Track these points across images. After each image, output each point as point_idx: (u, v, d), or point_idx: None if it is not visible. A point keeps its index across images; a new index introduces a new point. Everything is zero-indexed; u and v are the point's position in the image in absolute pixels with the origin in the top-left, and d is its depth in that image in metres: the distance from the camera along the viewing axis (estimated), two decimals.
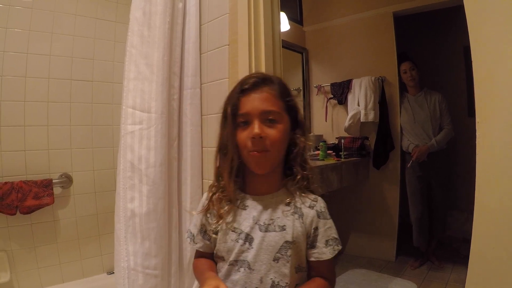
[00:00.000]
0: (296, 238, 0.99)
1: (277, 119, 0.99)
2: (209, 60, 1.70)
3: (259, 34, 1.52)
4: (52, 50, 2.28)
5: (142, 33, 1.58)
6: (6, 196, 2.02)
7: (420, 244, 3.24)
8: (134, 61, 1.56)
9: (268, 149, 0.97)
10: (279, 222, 1.00)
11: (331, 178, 2.83)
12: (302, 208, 1.03)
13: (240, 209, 1.04)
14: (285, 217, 1.01)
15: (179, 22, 1.66)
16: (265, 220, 1.01)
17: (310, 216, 1.03)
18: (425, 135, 3.18)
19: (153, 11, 1.59)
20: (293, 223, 1.00)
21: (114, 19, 2.53)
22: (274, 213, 1.02)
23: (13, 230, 2.12)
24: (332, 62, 3.82)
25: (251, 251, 0.99)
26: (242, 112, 0.98)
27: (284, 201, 1.03)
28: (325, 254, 1.02)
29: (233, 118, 1.00)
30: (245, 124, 0.99)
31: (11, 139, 2.15)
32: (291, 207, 1.03)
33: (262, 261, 0.98)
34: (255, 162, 0.99)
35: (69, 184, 2.32)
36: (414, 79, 3.25)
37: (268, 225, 1.00)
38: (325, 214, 1.06)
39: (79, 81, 2.38)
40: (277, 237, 0.99)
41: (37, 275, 2.20)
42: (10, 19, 2.14)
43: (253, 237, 1.00)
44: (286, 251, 0.98)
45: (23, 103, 2.19)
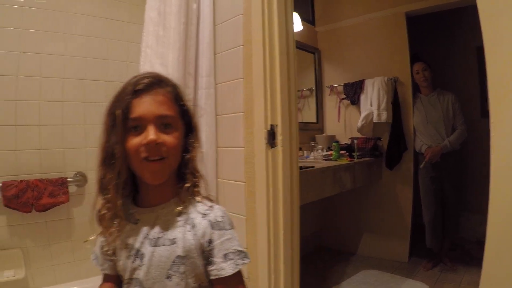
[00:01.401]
0: (188, 252, 0.89)
1: (173, 124, 0.91)
2: (223, 60, 1.71)
3: (273, 34, 1.52)
4: (66, 50, 2.31)
5: (157, 33, 1.59)
6: (22, 194, 2.05)
7: (433, 245, 3.21)
8: (149, 61, 1.58)
9: (165, 156, 0.88)
10: (169, 235, 0.90)
11: (344, 179, 2.83)
12: (194, 218, 0.93)
13: (132, 223, 0.94)
14: (175, 229, 0.91)
15: (193, 23, 1.67)
16: (154, 233, 0.91)
17: (201, 227, 0.91)
18: (438, 136, 3.15)
19: (167, 12, 1.61)
20: (183, 235, 0.90)
21: (127, 19, 2.55)
22: (164, 225, 0.92)
23: (28, 228, 2.15)
24: (344, 62, 3.81)
25: (142, 268, 0.89)
26: (134, 116, 0.87)
27: (177, 212, 0.93)
28: (224, 270, 0.89)
29: (124, 123, 0.87)
30: (136, 130, 0.88)
31: (26, 138, 2.18)
32: (183, 217, 0.93)
33: (154, 279, 0.88)
34: (150, 172, 0.89)
35: (84, 183, 2.34)
36: (427, 80, 3.23)
37: (158, 238, 0.90)
38: (221, 224, 0.93)
39: (93, 81, 2.41)
40: (167, 251, 0.88)
41: (52, 272, 2.22)
42: (24, 20, 2.16)
43: (144, 253, 0.89)
44: (178, 268, 0.88)
45: (38, 103, 2.21)
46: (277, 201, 1.56)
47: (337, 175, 2.74)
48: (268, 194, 1.54)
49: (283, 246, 1.59)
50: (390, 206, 3.48)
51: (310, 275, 3.09)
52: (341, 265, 3.40)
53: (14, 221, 2.11)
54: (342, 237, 3.81)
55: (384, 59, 3.48)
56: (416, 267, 3.22)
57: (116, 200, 0.90)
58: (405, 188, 3.38)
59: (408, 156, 3.36)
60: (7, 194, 2.02)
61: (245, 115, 1.64)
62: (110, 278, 1.00)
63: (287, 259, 1.61)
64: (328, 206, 3.84)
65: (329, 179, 2.69)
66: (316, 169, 2.51)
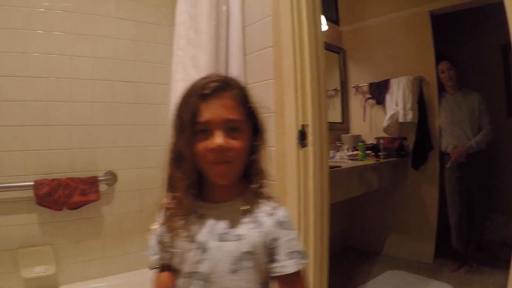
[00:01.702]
0: (254, 248, 0.90)
1: (240, 127, 0.91)
2: (253, 61, 1.72)
3: (302, 35, 1.53)
4: (95, 52, 2.35)
5: (188, 36, 1.62)
6: (53, 192, 2.10)
7: (459, 246, 3.18)
8: (181, 63, 1.60)
9: (231, 160, 0.89)
10: (235, 232, 0.92)
11: (370, 178, 2.84)
12: (260, 217, 0.95)
13: (196, 218, 0.95)
14: (240, 226, 0.93)
15: (223, 25, 1.69)
16: (220, 229, 0.93)
17: (268, 225, 0.94)
18: (464, 136, 3.12)
19: (198, 15, 1.63)
20: (249, 232, 0.92)
21: (155, 21, 2.57)
22: (230, 222, 0.93)
23: (59, 225, 2.20)
24: (369, 62, 3.79)
25: (206, 262, 0.90)
26: (203, 120, 0.88)
27: (241, 210, 0.95)
28: (287, 267, 0.91)
29: (192, 126, 0.89)
30: (204, 133, 0.89)
31: (58, 138, 2.23)
32: (248, 215, 0.95)
33: (219, 273, 0.89)
34: (217, 174, 0.91)
35: (114, 182, 2.38)
36: (452, 79, 3.20)
37: (224, 234, 0.92)
38: (286, 224, 0.96)
39: (122, 82, 2.44)
40: (234, 246, 0.90)
41: (81, 269, 2.27)
42: (51, 23, 2.21)
43: (208, 247, 0.91)
44: (244, 263, 0.90)
45: (69, 104, 2.26)
46: (307, 201, 1.57)
47: (363, 175, 2.73)
48: (299, 193, 1.54)
49: (313, 246, 1.60)
50: (415, 206, 3.45)
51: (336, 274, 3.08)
52: (366, 265, 3.39)
53: (45, 219, 2.16)
54: (368, 237, 3.80)
55: (409, 58, 3.46)
56: (441, 268, 3.19)
57: (184, 199, 0.92)
58: (431, 188, 3.35)
59: (434, 156, 3.33)
60: (39, 192, 2.06)
61: (276, 115, 1.65)
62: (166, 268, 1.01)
63: (317, 258, 1.62)
64: (354, 206, 3.83)
65: (356, 179, 2.69)
66: (343, 169, 2.51)
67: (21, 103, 2.13)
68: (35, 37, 2.17)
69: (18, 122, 2.12)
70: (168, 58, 2.35)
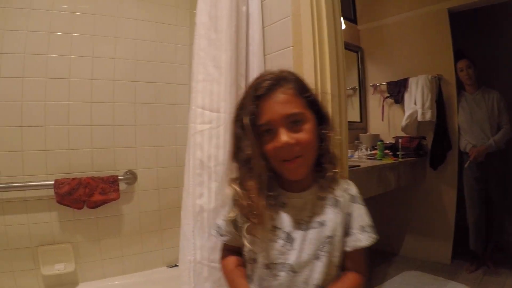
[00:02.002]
0: (335, 231, 0.94)
1: (302, 119, 0.91)
2: (273, 61, 1.71)
3: (323, 35, 1.52)
4: (116, 53, 2.37)
5: (209, 36, 1.62)
6: (74, 191, 2.12)
7: (477, 247, 3.14)
8: (202, 63, 1.60)
9: (301, 154, 0.90)
10: (318, 218, 0.95)
11: (389, 178, 2.82)
12: (336, 195, 0.98)
13: (278, 206, 0.97)
14: (322, 211, 0.96)
15: (243, 25, 1.69)
16: (304, 217, 0.95)
17: (343, 200, 0.98)
18: (483, 135, 3.09)
19: (219, 15, 1.63)
20: (330, 216, 0.95)
21: (175, 22, 2.59)
22: (312, 210, 0.96)
23: (79, 223, 2.23)
24: (387, 61, 3.77)
25: (293, 253, 0.91)
26: (263, 122, 0.90)
27: (321, 196, 0.98)
28: (361, 241, 0.95)
29: (253, 128, 0.90)
30: (269, 133, 0.90)
31: (79, 138, 2.26)
32: (328, 199, 0.97)
33: (306, 262, 0.91)
34: (289, 171, 0.92)
35: (133, 181, 2.40)
36: (471, 78, 3.17)
37: (308, 222, 0.94)
38: (358, 199, 1.01)
39: (143, 83, 2.46)
40: (317, 233, 0.93)
41: (100, 266, 2.30)
42: (74, 25, 2.25)
43: (294, 237, 0.93)
44: (326, 247, 0.92)
45: (90, 104, 2.29)
46: None
47: (382, 174, 2.71)
48: None
49: None
50: (433, 206, 3.42)
51: None
52: (383, 265, 3.37)
53: (66, 217, 2.20)
54: (385, 237, 3.74)
55: (427, 56, 3.43)
56: (459, 270, 3.16)
57: (259, 202, 0.92)
58: (449, 188, 3.32)
59: (452, 156, 3.30)
60: (59, 191, 2.09)
61: None
62: (232, 251, 1.03)
63: None
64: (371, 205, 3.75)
65: (374, 179, 2.67)
66: (361, 168, 2.49)
67: (43, 104, 2.17)
68: (56, 39, 2.20)
69: (40, 123, 2.16)
70: (188, 58, 2.42)
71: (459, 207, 3.31)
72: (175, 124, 2.55)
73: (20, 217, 2.09)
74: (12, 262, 2.06)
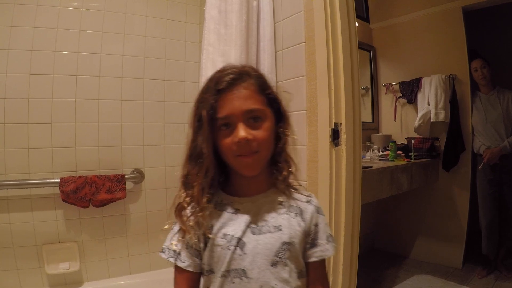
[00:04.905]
0: (293, 238, 0.90)
1: (261, 116, 0.89)
2: (284, 58, 1.68)
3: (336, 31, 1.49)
4: (124, 50, 2.36)
5: (218, 31, 1.59)
6: (80, 189, 2.11)
7: (489, 252, 3.08)
8: (211, 59, 1.57)
9: (257, 150, 0.87)
10: (274, 223, 0.91)
11: (401, 180, 2.77)
12: (299, 205, 0.96)
13: (229, 213, 0.93)
14: (279, 216, 0.92)
15: (254, 20, 1.66)
16: (258, 222, 0.91)
17: (309, 211, 0.95)
18: (498, 136, 3.04)
19: (228, 10, 1.60)
20: (288, 222, 0.91)
21: (184, 19, 2.57)
22: (268, 214, 0.92)
23: (84, 222, 2.22)
24: (400, 60, 3.73)
25: (245, 258, 0.87)
26: (222, 115, 0.87)
27: (277, 200, 0.95)
28: (328, 250, 0.94)
29: (211, 122, 0.88)
30: (226, 127, 0.88)
31: (86, 136, 2.25)
32: (284, 205, 0.94)
33: (259, 267, 0.87)
34: (244, 166, 0.89)
35: (141, 180, 2.38)
36: (486, 78, 3.11)
37: (262, 226, 0.90)
38: (321, 210, 0.99)
39: (152, 80, 2.45)
40: (273, 238, 0.89)
41: (106, 266, 2.29)
42: (83, 21, 2.23)
43: (245, 242, 0.88)
44: (284, 254, 0.88)
45: (97, 101, 2.28)
46: (339, 201, 1.53)
47: (394, 176, 2.67)
48: (331, 194, 1.50)
49: (343, 248, 1.56)
50: (445, 209, 3.38)
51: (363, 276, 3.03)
52: (393, 268, 3.33)
53: (71, 216, 2.18)
54: (395, 239, 3.73)
55: (441, 56, 3.39)
56: (470, 274, 3.11)
57: (201, 197, 0.89)
58: (462, 191, 3.28)
59: (466, 158, 3.25)
60: (65, 189, 2.07)
61: (308, 113, 1.61)
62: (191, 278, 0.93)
63: (346, 261, 1.58)
64: (382, 207, 3.77)
65: (386, 180, 2.63)
66: (374, 169, 2.46)
67: (50, 101, 2.16)
68: (63, 35, 2.19)
69: (47, 120, 2.16)
70: (197, 55, 2.40)
71: (471, 210, 3.26)
72: (184, 122, 2.52)
73: (25, 215, 2.08)
74: (16, 260, 2.06)
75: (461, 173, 3.28)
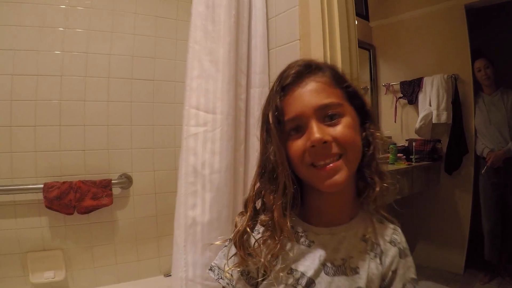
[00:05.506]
0: (370, 283, 0.74)
1: (339, 112, 0.71)
2: (278, 56, 1.59)
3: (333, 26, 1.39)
4: (112, 49, 2.29)
5: (206, 27, 1.49)
6: (64, 195, 2.03)
7: (492, 257, 3.05)
8: (197, 58, 1.47)
9: (340, 152, 0.70)
10: (352, 263, 0.74)
11: (402, 184, 2.72)
12: (381, 244, 0.78)
13: (302, 246, 0.77)
14: (359, 256, 0.75)
15: (245, 16, 1.57)
16: (335, 261, 0.74)
17: (391, 255, 0.77)
18: (502, 139, 2.99)
19: (216, 4, 1.50)
20: (368, 265, 0.75)
21: (175, 16, 2.49)
22: (347, 252, 0.75)
23: (70, 229, 2.15)
24: (401, 59, 3.71)
25: None
26: (290, 117, 0.72)
27: (361, 235, 0.77)
28: None
29: (279, 127, 0.73)
30: (297, 132, 0.72)
31: (71, 139, 2.17)
32: (368, 242, 0.77)
33: None
34: (324, 177, 0.70)
35: (128, 185, 2.31)
36: (489, 78, 3.07)
37: (339, 267, 0.74)
38: (406, 251, 0.80)
39: (140, 80, 2.37)
40: (348, 282, 0.73)
41: (93, 275, 2.22)
42: (69, 20, 2.17)
43: (316, 283, 0.73)
44: None
45: (83, 103, 2.21)
46: None
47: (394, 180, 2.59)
48: None
49: None
50: (447, 213, 3.35)
51: None
52: None
53: (56, 222, 2.11)
54: None
55: (443, 55, 3.36)
56: (472, 280, 3.10)
57: (285, 222, 0.73)
58: (464, 194, 3.25)
59: (468, 160, 3.22)
60: (48, 195, 2.00)
61: None
62: None
63: None
64: None
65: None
66: None
67: (33, 103, 2.09)
68: (47, 34, 2.12)
69: (30, 122, 2.08)
70: None
71: (473, 214, 3.23)
72: (174, 124, 2.46)
73: (8, 221, 2.02)
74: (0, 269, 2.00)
75: (463, 176, 3.26)
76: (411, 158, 3.15)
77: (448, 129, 3.28)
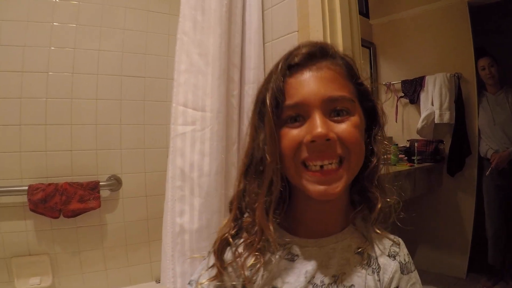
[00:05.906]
0: None
1: (349, 109, 0.62)
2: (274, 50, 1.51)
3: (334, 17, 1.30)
4: (101, 45, 2.25)
5: (195, 17, 1.40)
6: (49, 198, 1.99)
7: (496, 261, 3.00)
8: (185, 50, 1.39)
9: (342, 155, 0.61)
10: (346, 281, 0.65)
11: (404, 186, 2.64)
12: (378, 258, 0.68)
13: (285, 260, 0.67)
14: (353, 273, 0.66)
15: (238, 6, 1.47)
16: (324, 278, 0.65)
17: (390, 270, 0.67)
18: (506, 139, 2.94)
19: None
20: (365, 282, 0.65)
21: (168, 11, 2.44)
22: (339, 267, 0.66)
23: (57, 233, 2.11)
24: (402, 58, 3.68)
25: None
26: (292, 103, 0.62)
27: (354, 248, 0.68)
28: None
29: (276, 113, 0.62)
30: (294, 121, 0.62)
31: (57, 139, 2.13)
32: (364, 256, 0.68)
33: None
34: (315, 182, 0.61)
35: (118, 187, 2.25)
36: (494, 77, 3.02)
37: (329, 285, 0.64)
38: (409, 265, 0.71)
39: (131, 77, 2.32)
40: None
41: (81, 281, 2.17)
42: (57, 14, 2.13)
43: None
44: None
45: (70, 101, 2.17)
46: None
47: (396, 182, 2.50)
48: None
49: None
50: (450, 216, 3.31)
51: None
52: None
53: (42, 226, 2.07)
54: None
55: (446, 53, 3.32)
56: (475, 285, 3.05)
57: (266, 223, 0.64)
58: (468, 197, 3.20)
59: (472, 162, 3.18)
60: (33, 198, 1.96)
61: None
62: None
63: None
64: None
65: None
66: None
67: (18, 100, 2.04)
68: (33, 28, 2.08)
69: (15, 121, 2.04)
70: None
71: (477, 217, 3.18)
72: (165, 123, 2.34)
73: None
74: None
75: (466, 178, 3.23)
76: (413, 159, 3.12)
77: (451, 129, 3.24)
